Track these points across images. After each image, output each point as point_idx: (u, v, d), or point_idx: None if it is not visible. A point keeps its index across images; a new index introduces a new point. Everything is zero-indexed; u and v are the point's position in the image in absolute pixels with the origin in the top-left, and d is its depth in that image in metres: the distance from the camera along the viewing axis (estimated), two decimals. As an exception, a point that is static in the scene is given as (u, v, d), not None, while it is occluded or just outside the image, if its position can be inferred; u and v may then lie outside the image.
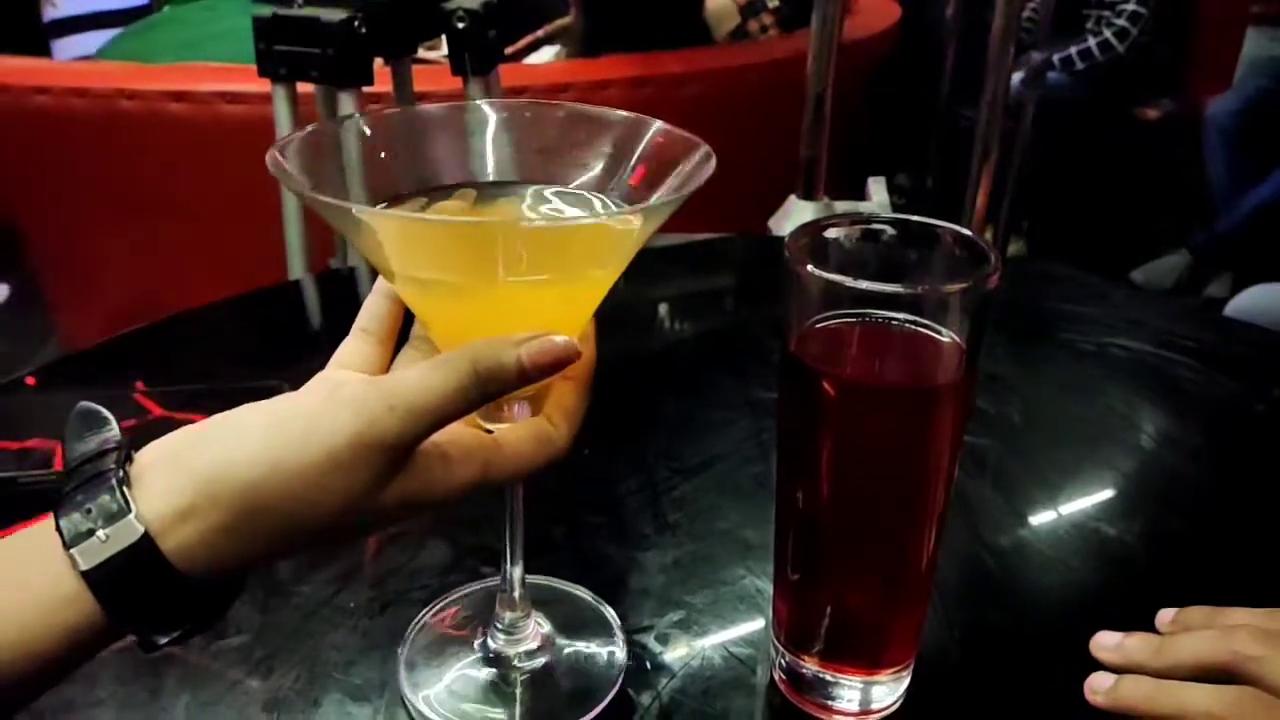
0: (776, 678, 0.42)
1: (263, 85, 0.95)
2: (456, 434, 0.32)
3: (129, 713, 0.41)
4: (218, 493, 0.29)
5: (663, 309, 0.82)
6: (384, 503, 0.30)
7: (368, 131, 0.35)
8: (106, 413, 0.32)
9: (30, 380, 0.66)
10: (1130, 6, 2.43)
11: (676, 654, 0.44)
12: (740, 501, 0.54)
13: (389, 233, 0.32)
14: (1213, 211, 2.36)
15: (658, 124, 0.35)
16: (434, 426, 0.30)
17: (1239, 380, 0.69)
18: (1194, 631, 0.42)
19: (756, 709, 0.41)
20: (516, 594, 0.42)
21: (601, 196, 0.36)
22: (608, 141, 0.36)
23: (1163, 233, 2.43)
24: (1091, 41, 2.47)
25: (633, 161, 0.35)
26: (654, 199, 0.33)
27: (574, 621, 0.45)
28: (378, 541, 0.51)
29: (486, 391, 0.30)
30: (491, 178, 0.37)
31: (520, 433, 0.34)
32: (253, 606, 0.46)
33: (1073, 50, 2.48)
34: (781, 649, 0.42)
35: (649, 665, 0.43)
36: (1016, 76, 1.82)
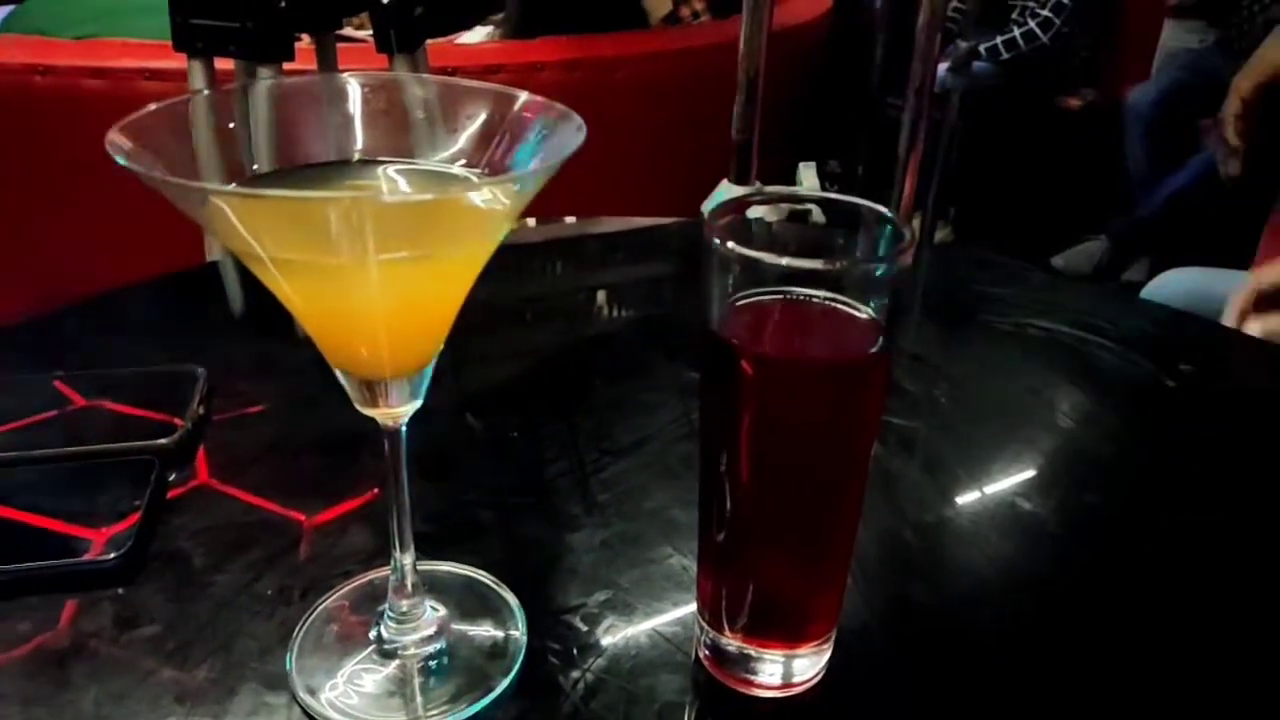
0: (701, 654, 0.42)
1: (184, 62, 0.91)
2: None
3: (35, 708, 0.39)
4: None
5: (596, 295, 0.82)
6: None
7: (219, 108, 0.33)
8: None
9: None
10: (1054, -2, 2.49)
11: (603, 634, 0.44)
12: (668, 481, 0.54)
13: (243, 213, 0.29)
14: (1131, 199, 2.44)
15: (525, 96, 0.34)
16: None
17: (1150, 358, 0.72)
18: None
19: (681, 685, 0.42)
20: (409, 581, 0.42)
21: (471, 171, 0.35)
22: (477, 115, 0.35)
23: (1083, 219, 2.51)
24: (1016, 32, 2.53)
25: (501, 135, 0.34)
26: (514, 171, 0.32)
27: (471, 606, 0.45)
28: (299, 527, 0.50)
29: None
30: (354, 154, 0.35)
31: None
32: (165, 595, 0.44)
33: (998, 40, 2.54)
34: (705, 626, 0.42)
35: (575, 646, 0.43)
36: (943, 66, 1.85)
